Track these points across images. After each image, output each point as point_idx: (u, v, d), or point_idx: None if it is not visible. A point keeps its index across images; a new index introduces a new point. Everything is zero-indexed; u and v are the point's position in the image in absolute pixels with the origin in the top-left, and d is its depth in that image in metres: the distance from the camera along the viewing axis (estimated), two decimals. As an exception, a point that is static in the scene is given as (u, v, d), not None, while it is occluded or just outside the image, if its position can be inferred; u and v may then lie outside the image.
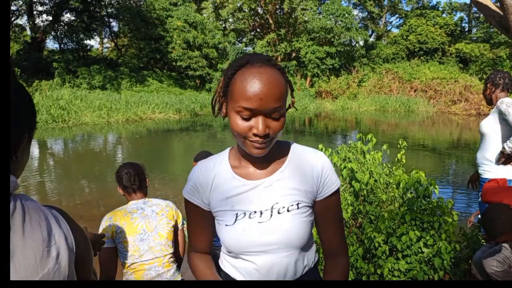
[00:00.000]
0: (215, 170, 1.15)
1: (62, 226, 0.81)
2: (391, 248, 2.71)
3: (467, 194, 6.49)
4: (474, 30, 34.78)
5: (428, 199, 2.78)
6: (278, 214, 1.09)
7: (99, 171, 8.52)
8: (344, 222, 3.05)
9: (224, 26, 31.93)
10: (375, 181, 3.14)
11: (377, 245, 2.63)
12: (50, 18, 26.97)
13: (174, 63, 26.90)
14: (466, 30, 35.11)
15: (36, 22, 26.79)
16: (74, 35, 28.34)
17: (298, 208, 1.10)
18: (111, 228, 2.07)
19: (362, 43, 31.96)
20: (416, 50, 30.85)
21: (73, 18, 28.08)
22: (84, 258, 0.88)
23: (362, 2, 35.15)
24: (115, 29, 31.53)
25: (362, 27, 34.16)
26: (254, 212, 1.09)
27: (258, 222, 1.09)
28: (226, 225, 1.11)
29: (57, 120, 15.18)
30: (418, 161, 9.22)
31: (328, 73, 29.17)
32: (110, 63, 27.47)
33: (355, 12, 36.16)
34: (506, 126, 2.85)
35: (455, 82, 24.09)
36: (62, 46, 28.71)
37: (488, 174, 2.97)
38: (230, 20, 32.43)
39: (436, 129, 17.13)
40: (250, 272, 1.13)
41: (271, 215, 1.09)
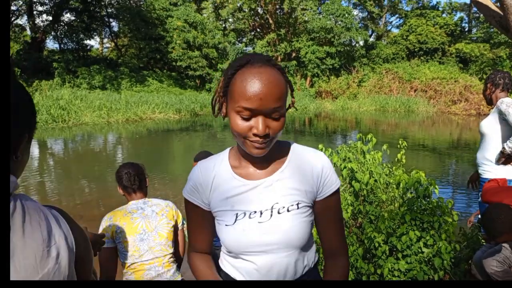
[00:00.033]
0: (215, 170, 1.15)
1: (62, 226, 0.81)
2: (391, 248, 2.71)
3: (467, 194, 6.49)
4: (474, 30, 34.80)
5: (428, 199, 2.78)
6: (278, 214, 1.09)
7: (99, 171, 8.52)
8: (344, 222, 3.05)
9: (224, 26, 31.93)
10: (375, 181, 3.14)
11: (377, 245, 2.63)
12: (50, 18, 26.99)
13: (174, 63, 26.91)
14: (466, 30, 35.12)
15: (36, 22, 26.81)
16: (74, 35, 28.36)
17: (298, 208, 1.10)
18: (111, 228, 2.07)
19: (362, 43, 31.98)
20: (416, 50, 30.85)
21: (73, 18, 28.10)
22: (84, 258, 0.88)
23: (362, 2, 35.15)
24: (115, 29, 31.62)
25: (362, 27, 34.16)
26: (254, 212, 1.09)
27: (258, 222, 1.09)
28: (226, 225, 1.11)
29: (57, 120, 15.18)
30: (418, 161, 9.22)
31: (328, 73, 29.18)
32: (110, 63, 27.48)
33: (355, 12, 36.23)
34: (506, 126, 2.85)
35: (455, 82, 24.10)
36: (62, 46, 28.74)
37: (488, 174, 2.97)
38: (230, 20, 32.44)
39: (436, 129, 17.13)
40: (250, 272, 1.12)
41: (271, 215, 1.09)
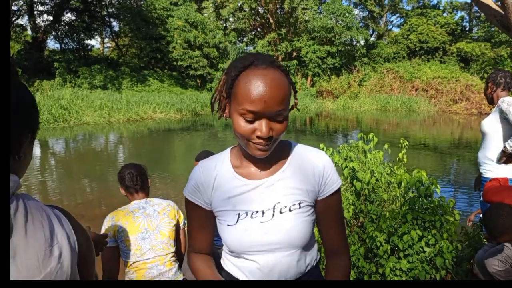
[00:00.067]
0: (217, 170, 1.14)
1: (65, 225, 0.81)
2: (393, 247, 2.70)
3: (469, 193, 6.49)
4: (475, 29, 34.77)
5: (429, 198, 2.78)
6: (280, 213, 1.08)
7: (101, 171, 8.53)
8: (345, 221, 3.05)
9: (224, 25, 31.93)
10: (377, 180, 3.14)
11: (378, 244, 2.63)
12: (51, 18, 27.02)
13: (175, 63, 26.92)
14: (467, 29, 35.09)
15: (37, 22, 26.83)
16: (75, 35, 28.40)
17: (300, 207, 1.10)
18: (113, 227, 2.07)
19: (363, 43, 31.95)
20: (417, 49, 30.83)
21: (73, 18, 28.14)
22: (86, 257, 0.87)
23: (363, 1, 35.17)
24: (116, 28, 31.59)
25: (363, 27, 34.19)
26: (256, 212, 1.09)
27: (260, 222, 1.08)
28: (228, 225, 1.11)
29: (58, 120, 15.20)
30: (419, 160, 9.21)
31: (329, 72, 29.18)
32: (111, 63, 27.50)
33: (356, 11, 36.18)
34: (507, 125, 2.84)
35: (456, 81, 24.08)
36: (63, 46, 28.78)
37: (489, 173, 2.97)
38: (231, 19, 32.44)
39: (437, 128, 17.11)
40: (252, 271, 1.12)
41: (273, 215, 1.08)
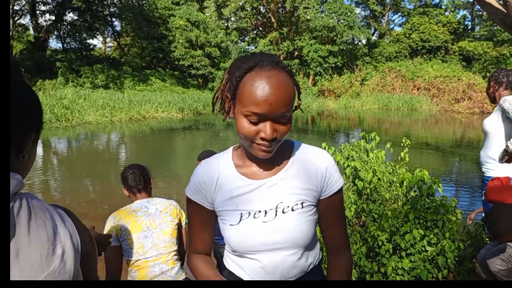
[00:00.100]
0: (219, 170, 1.14)
1: (68, 225, 0.81)
2: (395, 246, 2.70)
3: (471, 192, 6.47)
4: (477, 28, 34.64)
5: (431, 198, 2.77)
6: (283, 213, 1.08)
7: (103, 170, 8.54)
8: (347, 221, 3.05)
9: (226, 25, 31.94)
10: (379, 179, 3.13)
11: (380, 243, 2.63)
12: (53, 18, 27.08)
13: (176, 62, 26.93)
14: (469, 28, 34.98)
15: (39, 21, 26.89)
16: (77, 35, 28.44)
17: (302, 207, 1.10)
18: (116, 226, 2.08)
19: (364, 42, 31.87)
20: (419, 48, 30.76)
21: (75, 17, 28.18)
22: (89, 256, 0.88)
23: (365, 0, 35.06)
24: (118, 28, 31.59)
25: (365, 26, 34.11)
26: (259, 211, 1.09)
27: (263, 222, 1.08)
28: (230, 225, 1.11)
29: (60, 119, 15.22)
30: (421, 159, 9.19)
31: (330, 71, 29.14)
32: (113, 62, 27.52)
33: (358, 10, 36.10)
34: (509, 124, 2.83)
35: (458, 80, 24.03)
36: (65, 45, 28.84)
37: (491, 172, 2.96)
38: (233, 19, 32.44)
39: (439, 127, 17.08)
40: (255, 270, 1.12)
41: (276, 215, 1.08)
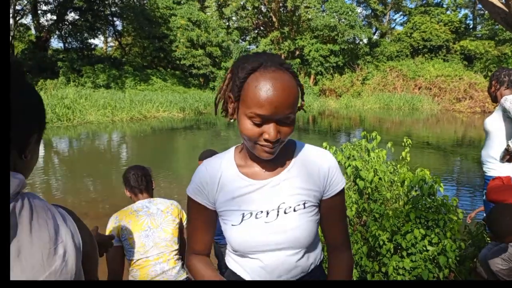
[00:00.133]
0: (221, 170, 1.14)
1: (69, 224, 0.81)
2: (396, 246, 2.70)
3: (472, 192, 6.46)
4: (479, 27, 34.60)
5: (433, 197, 2.77)
6: (285, 214, 1.08)
7: (104, 170, 8.54)
8: (348, 220, 3.05)
9: (227, 24, 31.95)
10: (380, 179, 3.13)
11: (381, 243, 2.62)
12: (55, 17, 27.13)
13: (178, 62, 26.95)
14: (471, 27, 34.94)
15: (40, 21, 26.94)
16: (78, 34, 28.48)
17: (304, 207, 1.09)
18: (117, 227, 2.09)
19: (366, 41, 31.83)
20: (420, 47, 30.70)
21: (77, 17, 28.20)
22: (89, 257, 0.88)
23: (366, -1, 35.02)
24: (119, 28, 31.64)
25: (366, 25, 34.08)
26: (261, 212, 1.09)
27: (265, 222, 1.08)
28: (232, 225, 1.11)
29: (62, 119, 15.25)
30: (422, 159, 9.18)
31: (332, 71, 29.12)
32: (114, 62, 27.55)
33: (359, 9, 36.05)
34: (510, 124, 2.83)
35: (460, 79, 23.98)
36: (67, 45, 28.87)
37: (492, 172, 2.95)
38: (234, 18, 32.44)
39: (440, 127, 17.05)
40: (255, 270, 1.12)
41: (278, 215, 1.08)
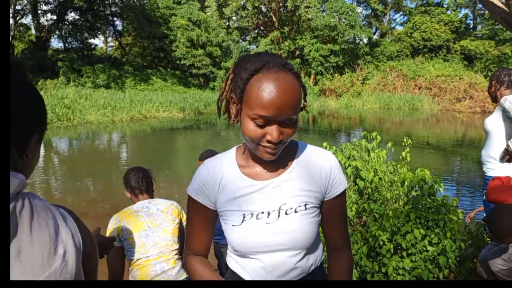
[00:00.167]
0: (223, 170, 1.13)
1: (70, 225, 0.81)
2: (396, 246, 2.70)
3: (472, 192, 6.45)
4: (479, 27, 34.60)
5: (433, 197, 2.77)
6: (286, 215, 1.08)
7: (104, 170, 8.54)
8: (348, 220, 3.05)
9: (227, 24, 31.95)
10: (380, 179, 3.13)
11: (381, 243, 2.62)
12: (55, 17, 27.14)
13: (178, 62, 26.95)
14: (471, 27, 34.93)
15: (40, 21, 26.95)
16: (78, 34, 28.49)
17: (305, 209, 1.09)
18: (118, 228, 2.09)
19: (366, 41, 31.83)
20: (420, 47, 30.69)
21: (77, 17, 28.21)
22: (89, 257, 0.87)
23: (366, -1, 35.02)
24: (119, 28, 31.66)
25: (366, 25, 34.08)
26: (262, 212, 1.08)
27: (266, 223, 1.08)
28: (233, 225, 1.10)
29: (62, 118, 15.25)
30: (422, 159, 9.18)
31: (332, 71, 29.11)
32: (114, 62, 27.55)
33: (359, 9, 36.07)
34: (510, 124, 2.83)
35: (460, 79, 23.96)
36: (67, 45, 28.89)
37: (492, 172, 2.95)
38: (234, 18, 32.45)
39: (440, 127, 17.05)
40: (255, 270, 1.12)
41: (279, 216, 1.08)
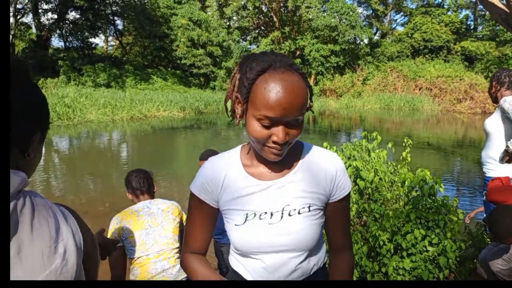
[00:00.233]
0: (227, 168, 1.12)
1: (71, 223, 0.81)
2: (396, 246, 2.70)
3: (473, 192, 6.46)
4: (480, 28, 34.59)
5: (433, 198, 2.77)
6: (289, 216, 1.07)
7: (104, 169, 8.54)
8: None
9: (228, 24, 31.96)
10: (380, 179, 3.13)
11: (381, 243, 2.62)
12: (55, 16, 27.16)
13: (178, 61, 26.97)
14: (472, 28, 34.92)
15: (41, 20, 26.97)
16: (79, 33, 28.52)
17: (309, 211, 1.08)
18: (118, 228, 2.10)
19: (366, 41, 31.80)
20: (421, 48, 30.68)
21: (78, 16, 28.26)
22: (89, 257, 0.87)
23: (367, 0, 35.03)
24: (120, 27, 31.71)
25: (367, 25, 34.04)
26: (265, 213, 1.08)
27: (268, 224, 1.07)
28: (235, 224, 1.10)
29: (62, 117, 15.24)
30: (423, 159, 9.18)
31: (332, 71, 29.11)
32: (115, 61, 27.55)
33: (360, 10, 36.09)
34: (510, 125, 2.83)
35: (460, 80, 23.95)
36: (67, 44, 28.90)
37: (492, 172, 2.96)
38: (234, 18, 32.46)
39: (441, 127, 17.05)
40: (257, 270, 1.12)
41: (282, 217, 1.07)
